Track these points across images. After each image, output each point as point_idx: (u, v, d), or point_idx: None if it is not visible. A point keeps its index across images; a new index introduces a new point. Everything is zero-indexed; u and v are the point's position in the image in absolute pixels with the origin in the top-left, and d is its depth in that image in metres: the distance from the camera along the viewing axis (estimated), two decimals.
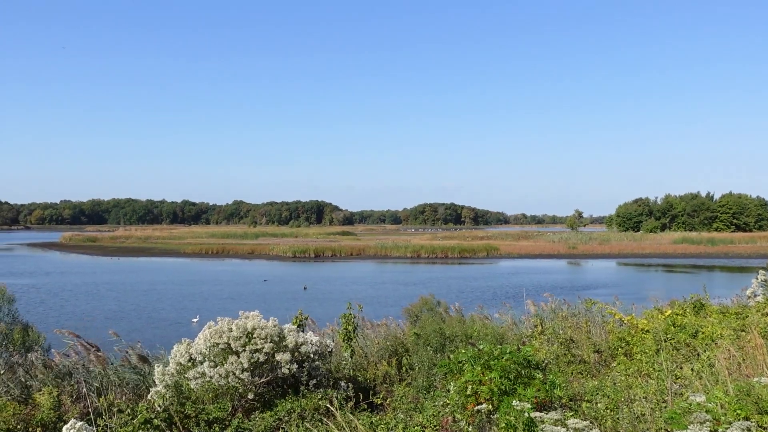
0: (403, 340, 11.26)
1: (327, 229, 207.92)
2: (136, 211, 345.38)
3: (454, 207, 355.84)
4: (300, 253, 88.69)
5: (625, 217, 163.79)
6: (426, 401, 7.19)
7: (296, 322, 9.76)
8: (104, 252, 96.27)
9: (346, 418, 7.02)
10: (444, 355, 9.01)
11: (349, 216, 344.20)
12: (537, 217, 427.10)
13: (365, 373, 9.93)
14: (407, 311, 13.67)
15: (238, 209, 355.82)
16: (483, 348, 6.02)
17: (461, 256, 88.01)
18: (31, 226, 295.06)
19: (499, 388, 5.41)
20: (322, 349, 8.82)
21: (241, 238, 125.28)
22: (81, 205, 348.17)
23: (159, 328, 28.91)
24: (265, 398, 8.36)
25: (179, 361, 8.58)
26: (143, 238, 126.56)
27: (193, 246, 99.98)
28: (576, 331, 11.18)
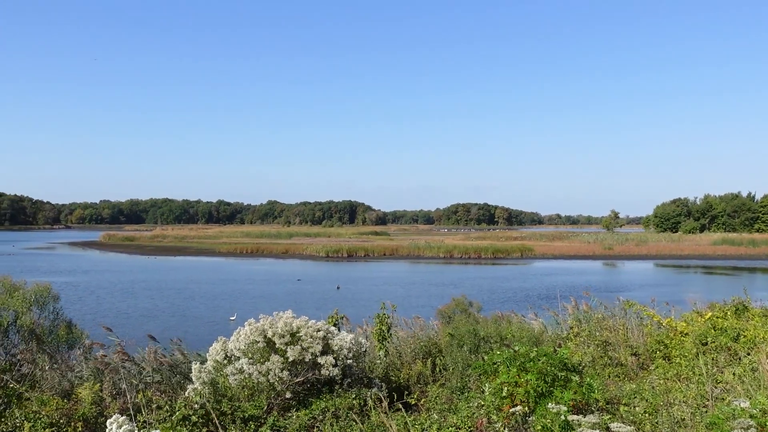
0: (436, 340, 11.24)
1: (360, 229, 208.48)
2: (173, 210, 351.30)
3: (487, 207, 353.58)
4: (333, 252, 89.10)
5: (663, 217, 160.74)
6: (460, 402, 7.17)
7: (331, 321, 9.82)
8: (142, 251, 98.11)
9: (380, 418, 7.04)
10: (478, 356, 8.96)
11: (381, 216, 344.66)
12: (572, 217, 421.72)
13: (399, 373, 9.94)
14: (440, 312, 13.63)
15: (272, 209, 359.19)
16: (519, 350, 5.98)
17: (495, 256, 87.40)
18: (71, 225, 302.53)
19: (535, 390, 5.37)
20: (357, 348, 8.86)
21: (275, 238, 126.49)
22: (119, 204, 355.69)
23: (192, 326, 29.34)
24: (300, 396, 8.43)
25: (216, 358, 8.70)
26: (179, 238, 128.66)
27: (227, 245, 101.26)
28: (612, 333, 11.02)
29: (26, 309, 9.02)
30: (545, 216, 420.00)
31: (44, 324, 9.32)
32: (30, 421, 6.38)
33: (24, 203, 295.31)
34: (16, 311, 8.99)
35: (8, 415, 6.56)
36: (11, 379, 8.06)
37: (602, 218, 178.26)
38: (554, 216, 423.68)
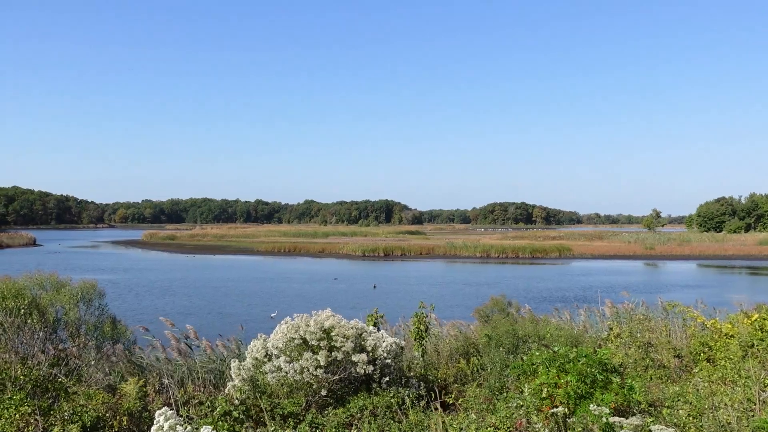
0: (474, 340, 11.19)
1: (396, 228, 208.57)
2: (212, 210, 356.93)
3: (524, 206, 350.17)
4: (369, 252, 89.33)
5: (707, 216, 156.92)
6: (498, 402, 7.12)
7: (371, 320, 9.86)
8: (182, 249, 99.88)
9: (418, 417, 7.05)
10: (516, 357, 8.90)
11: (418, 215, 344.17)
12: (612, 217, 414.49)
13: (436, 373, 9.93)
14: (478, 311, 13.57)
15: (309, 208, 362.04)
16: (558, 350, 5.92)
17: (532, 256, 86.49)
18: (114, 224, 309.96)
19: (575, 391, 5.31)
20: (395, 347, 8.87)
21: (311, 237, 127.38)
22: (161, 204, 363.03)
23: (228, 324, 29.72)
24: (337, 394, 8.49)
25: (255, 356, 8.82)
26: (218, 237, 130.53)
27: (265, 244, 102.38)
28: (654, 334, 10.81)
29: (73, 305, 9.29)
30: (584, 215, 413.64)
31: (90, 320, 9.58)
32: (77, 414, 6.56)
33: (70, 203, 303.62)
34: (63, 307, 9.26)
35: (57, 409, 6.76)
36: (59, 374, 8.31)
37: (643, 218, 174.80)
38: (593, 215, 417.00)
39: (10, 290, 8.79)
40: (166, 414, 3.93)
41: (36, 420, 6.48)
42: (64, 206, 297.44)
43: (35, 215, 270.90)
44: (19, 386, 7.18)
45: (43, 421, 6.49)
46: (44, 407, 6.63)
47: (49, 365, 8.32)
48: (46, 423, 6.52)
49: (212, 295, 41.78)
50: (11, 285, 8.96)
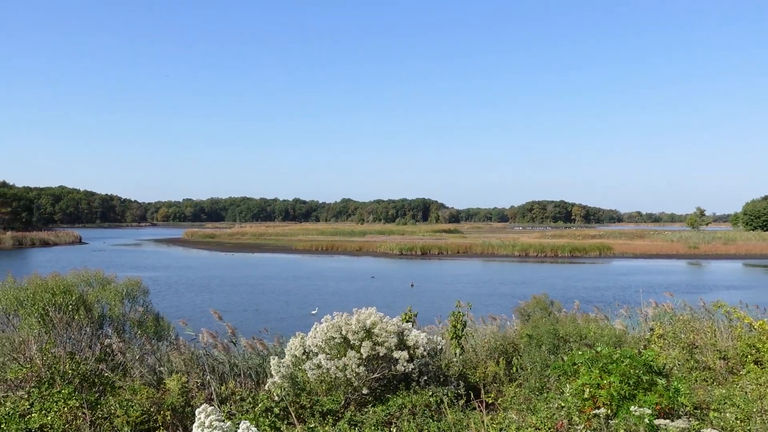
0: (513, 339, 11.09)
1: (433, 226, 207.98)
2: (251, 208, 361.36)
3: (563, 204, 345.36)
4: (407, 250, 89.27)
5: (754, 215, 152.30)
6: (538, 403, 7.05)
7: (405, 318, 9.86)
8: (222, 248, 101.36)
9: (457, 416, 7.03)
10: (557, 357, 8.79)
11: (455, 214, 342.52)
12: (653, 215, 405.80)
13: (474, 372, 9.87)
14: (518, 310, 13.44)
15: (346, 207, 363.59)
16: (601, 351, 5.82)
17: (572, 255, 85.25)
18: (156, 223, 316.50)
19: (618, 393, 5.22)
20: (433, 346, 8.86)
21: (349, 236, 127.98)
22: (201, 203, 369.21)
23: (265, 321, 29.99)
24: (376, 392, 8.52)
25: (294, 353, 8.90)
26: (257, 235, 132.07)
27: (303, 243, 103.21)
28: (699, 335, 10.56)
29: (118, 302, 9.52)
30: (625, 214, 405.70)
31: (134, 316, 9.80)
32: (123, 408, 6.72)
33: (114, 202, 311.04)
34: (108, 303, 9.50)
35: (103, 403, 6.94)
36: (106, 369, 8.53)
37: (686, 216, 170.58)
38: (635, 214, 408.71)
39: (59, 287, 9.05)
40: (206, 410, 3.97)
41: (84, 413, 6.65)
42: (109, 205, 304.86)
43: (81, 214, 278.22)
44: (67, 380, 7.39)
45: (90, 415, 6.67)
46: (91, 401, 6.81)
47: (95, 360, 8.54)
48: (93, 416, 6.69)
49: (249, 293, 42.28)
50: (60, 282, 9.24)
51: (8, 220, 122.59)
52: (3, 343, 8.65)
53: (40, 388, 7.16)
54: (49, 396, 6.91)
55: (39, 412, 6.64)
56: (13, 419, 6.36)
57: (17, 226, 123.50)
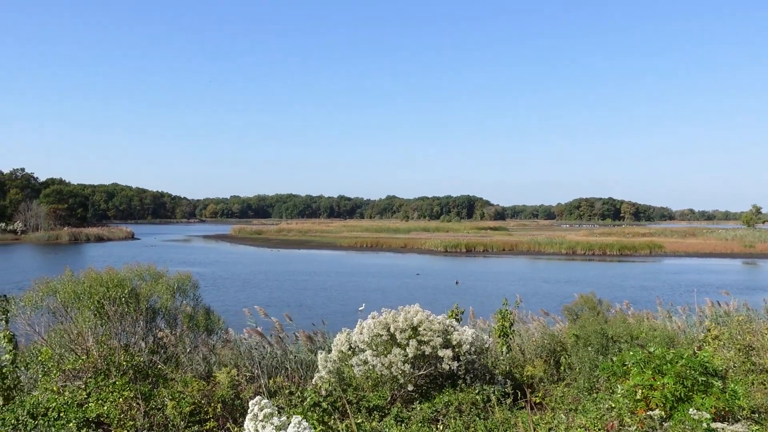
0: (561, 338, 10.92)
1: (478, 224, 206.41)
2: (297, 205, 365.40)
3: (612, 202, 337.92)
4: (451, 247, 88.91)
5: None
6: (587, 403, 6.93)
7: (452, 315, 9.81)
8: (268, 244, 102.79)
9: (504, 415, 6.97)
10: (606, 357, 8.62)
11: (500, 211, 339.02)
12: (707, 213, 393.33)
13: (522, 371, 9.76)
14: (566, 309, 13.24)
15: (390, 204, 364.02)
16: (654, 351, 5.68)
17: (621, 253, 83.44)
18: (205, 219, 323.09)
19: (672, 394, 5.08)
20: (480, 344, 8.80)
21: (393, 233, 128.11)
22: (248, 200, 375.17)
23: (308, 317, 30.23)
24: (422, 390, 8.51)
25: (341, 349, 8.97)
26: (302, 232, 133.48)
27: (348, 239, 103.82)
28: (757, 336, 10.19)
29: (170, 296, 9.75)
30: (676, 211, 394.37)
31: (185, 310, 10.02)
32: (175, 400, 6.89)
33: (164, 199, 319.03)
34: (161, 297, 9.74)
35: (156, 394, 7.12)
36: (158, 361, 8.75)
37: (741, 214, 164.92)
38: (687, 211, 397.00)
39: (113, 281, 9.32)
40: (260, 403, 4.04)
41: (138, 404, 6.85)
42: (159, 202, 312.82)
43: (133, 210, 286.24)
44: (122, 372, 7.62)
45: (144, 406, 6.86)
46: (145, 392, 7.00)
47: (148, 352, 8.78)
48: (147, 407, 6.88)
49: (293, 288, 42.74)
50: (114, 276, 9.51)
51: (64, 217, 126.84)
52: (61, 335, 8.96)
53: (97, 379, 7.39)
54: (105, 386, 7.13)
55: (96, 401, 6.87)
56: (72, 408, 6.59)
57: (73, 222, 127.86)
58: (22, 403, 6.59)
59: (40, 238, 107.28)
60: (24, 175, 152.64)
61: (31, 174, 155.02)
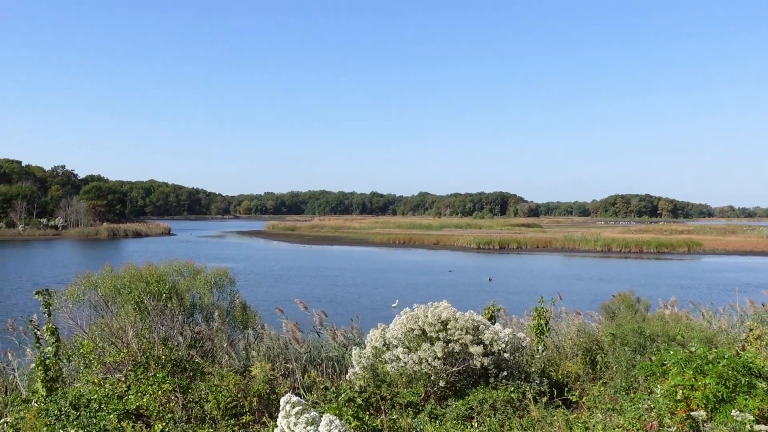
0: (597, 337, 10.77)
1: (511, 220, 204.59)
2: (329, 202, 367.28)
3: (649, 198, 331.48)
4: (484, 244, 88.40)
5: None
6: (625, 403, 6.83)
7: (488, 313, 9.76)
8: (302, 240, 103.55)
9: (540, 413, 6.90)
10: (644, 356, 8.48)
11: (534, 207, 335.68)
12: (747, 210, 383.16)
13: (557, 369, 9.67)
14: (603, 307, 13.05)
15: (423, 201, 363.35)
16: (695, 351, 5.57)
17: (658, 251, 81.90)
18: (239, 215, 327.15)
19: (714, 395, 4.97)
20: (515, 341, 8.73)
21: (426, 229, 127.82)
22: (282, 196, 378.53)
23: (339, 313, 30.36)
24: (456, 386, 8.49)
25: (375, 344, 8.99)
26: (335, 228, 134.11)
27: (380, 236, 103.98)
28: None
29: (207, 291, 9.90)
30: (716, 208, 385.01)
31: (222, 305, 10.17)
32: (213, 393, 6.99)
33: (200, 195, 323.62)
34: (198, 292, 9.90)
35: (194, 388, 7.24)
36: (196, 355, 8.89)
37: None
38: (726, 208, 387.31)
39: (153, 276, 9.50)
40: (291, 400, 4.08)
41: (176, 397, 6.96)
42: (195, 198, 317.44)
43: (169, 206, 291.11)
44: (161, 365, 7.75)
45: (182, 398, 6.97)
46: (183, 385, 7.11)
47: (186, 346, 8.92)
48: (185, 400, 7.00)
49: (325, 284, 42.92)
50: (154, 271, 9.69)
51: (104, 212, 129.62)
52: (102, 328, 9.17)
53: (136, 372, 7.54)
54: (145, 379, 7.27)
55: (135, 394, 7.00)
56: (112, 400, 6.74)
57: (112, 218, 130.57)
58: (64, 395, 6.76)
59: (79, 233, 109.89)
60: (65, 172, 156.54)
61: (71, 171, 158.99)
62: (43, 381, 7.98)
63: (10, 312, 28.25)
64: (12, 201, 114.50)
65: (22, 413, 6.74)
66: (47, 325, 8.54)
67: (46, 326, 8.53)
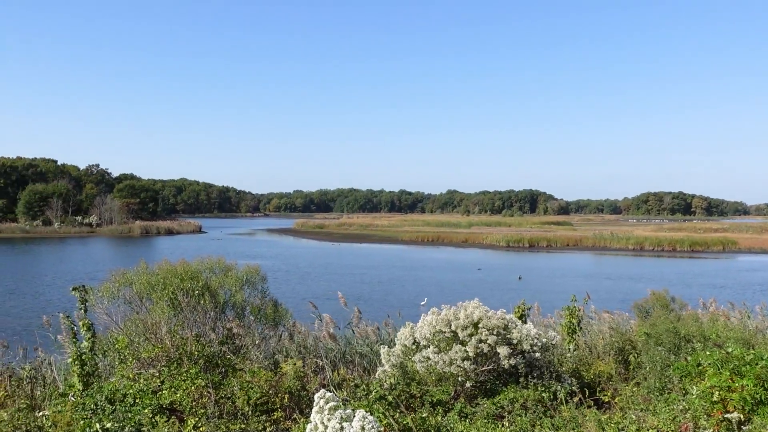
0: (630, 336, 10.63)
1: (541, 218, 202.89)
2: (358, 200, 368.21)
3: (682, 196, 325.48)
4: (514, 242, 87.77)
5: None
6: (659, 404, 6.73)
7: (518, 312, 9.70)
8: (330, 238, 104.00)
9: (571, 413, 6.84)
10: (679, 357, 8.34)
11: (564, 205, 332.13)
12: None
13: (589, 369, 9.56)
14: (637, 306, 12.86)
15: (451, 198, 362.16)
16: (732, 351, 5.46)
17: (692, 249, 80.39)
18: (269, 213, 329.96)
19: (752, 397, 4.88)
20: (545, 341, 8.66)
21: (454, 227, 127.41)
22: (310, 194, 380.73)
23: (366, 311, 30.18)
24: (486, 386, 8.45)
25: (404, 343, 9.00)
26: (364, 226, 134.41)
27: (409, 234, 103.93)
28: None
29: (239, 288, 10.02)
30: (752, 206, 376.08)
31: (254, 302, 10.28)
32: (244, 390, 7.08)
33: (230, 193, 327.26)
34: (230, 289, 10.02)
35: (226, 384, 7.34)
36: (228, 351, 9.00)
37: None
38: (763, 206, 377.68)
39: (186, 273, 9.65)
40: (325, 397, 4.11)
41: (209, 392, 7.06)
42: (225, 196, 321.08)
43: (200, 204, 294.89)
44: (193, 361, 7.88)
45: (215, 394, 7.07)
46: (216, 381, 7.21)
47: (219, 343, 9.04)
48: (217, 396, 7.09)
49: (352, 282, 42.99)
50: (187, 268, 9.84)
51: (136, 210, 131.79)
52: (137, 325, 9.33)
53: (170, 367, 7.67)
54: (178, 375, 7.39)
55: (169, 389, 7.12)
56: (147, 395, 6.86)
57: (144, 216, 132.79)
58: (100, 389, 6.90)
59: (113, 230, 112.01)
60: (99, 171, 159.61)
61: (105, 170, 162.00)
62: (80, 375, 8.15)
63: (46, 308, 28.95)
64: (48, 199, 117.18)
65: (60, 407, 6.90)
66: (83, 320, 8.72)
67: (82, 322, 8.71)
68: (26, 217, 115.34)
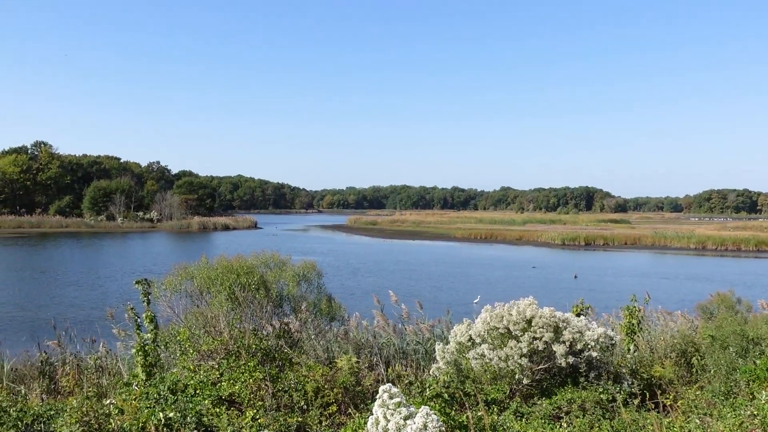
0: (693, 338, 10.30)
1: (597, 216, 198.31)
2: (410, 197, 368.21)
3: (747, 193, 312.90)
4: (569, 240, 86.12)
5: None
6: (724, 408, 6.50)
7: (576, 310, 9.53)
8: (382, 234, 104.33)
9: (632, 416, 6.67)
10: (746, 360, 8.04)
11: (621, 203, 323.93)
12: None
13: (649, 370, 9.31)
14: (701, 307, 12.45)
15: (505, 195, 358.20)
16: None
17: (758, 249, 77.17)
18: (322, 210, 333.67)
19: None
20: (605, 340, 8.47)
21: (508, 224, 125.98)
22: (363, 191, 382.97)
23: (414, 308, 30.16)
24: (542, 385, 8.33)
25: (459, 340, 8.95)
26: (416, 223, 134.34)
27: (461, 231, 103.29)
28: None
29: (295, 283, 10.16)
30: None
31: (309, 297, 10.42)
32: (301, 383, 7.18)
33: (284, 190, 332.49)
34: (286, 284, 10.18)
35: (283, 377, 7.46)
36: (284, 345, 9.15)
37: None
38: None
39: (243, 268, 9.85)
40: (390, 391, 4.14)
41: (267, 385, 7.19)
42: (280, 193, 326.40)
43: (256, 201, 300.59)
44: (251, 354, 8.03)
45: (272, 387, 7.19)
46: (273, 374, 7.34)
47: (275, 337, 9.20)
48: (274, 389, 7.22)
49: (402, 278, 42.95)
50: (244, 263, 10.05)
51: (194, 206, 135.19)
52: (197, 318, 9.58)
53: (228, 360, 7.85)
54: (237, 367, 7.55)
55: (228, 381, 7.29)
56: (207, 386, 7.04)
57: (202, 212, 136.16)
58: (163, 379, 7.12)
59: (173, 226, 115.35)
60: (159, 168, 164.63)
61: (165, 167, 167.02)
62: (143, 366, 8.42)
63: (109, 300, 30.04)
64: (112, 195, 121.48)
65: (124, 395, 7.15)
66: (147, 312, 9.00)
67: (145, 314, 8.99)
68: (91, 213, 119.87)
